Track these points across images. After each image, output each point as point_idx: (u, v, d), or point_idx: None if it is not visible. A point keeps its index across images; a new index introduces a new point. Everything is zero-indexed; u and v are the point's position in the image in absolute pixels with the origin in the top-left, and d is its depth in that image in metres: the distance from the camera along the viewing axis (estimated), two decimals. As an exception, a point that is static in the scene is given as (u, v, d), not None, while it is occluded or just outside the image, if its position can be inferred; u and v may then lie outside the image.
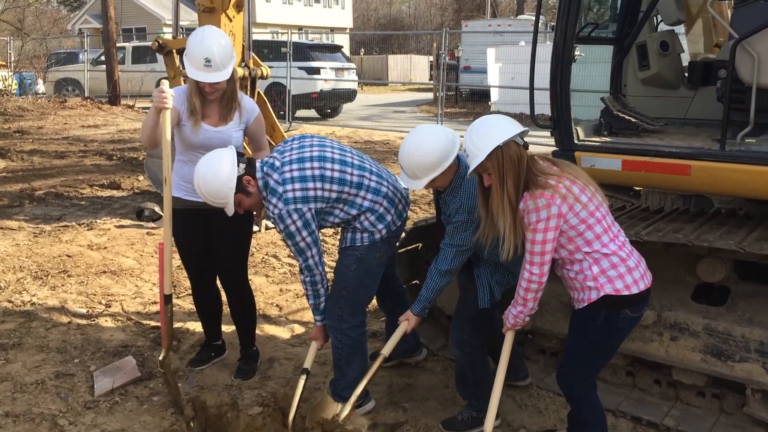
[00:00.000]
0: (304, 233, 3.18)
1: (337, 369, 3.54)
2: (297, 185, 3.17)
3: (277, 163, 3.23)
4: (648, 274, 2.84)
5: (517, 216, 2.72)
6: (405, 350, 4.01)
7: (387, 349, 3.37)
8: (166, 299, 3.48)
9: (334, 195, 3.23)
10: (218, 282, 3.98)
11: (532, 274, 2.78)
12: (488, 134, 2.70)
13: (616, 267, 2.74)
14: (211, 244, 3.78)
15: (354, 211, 3.30)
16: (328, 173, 3.22)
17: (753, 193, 3.60)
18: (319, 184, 3.20)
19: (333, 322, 3.46)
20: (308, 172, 3.20)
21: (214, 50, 3.40)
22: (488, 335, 3.45)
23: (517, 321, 2.96)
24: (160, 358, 3.47)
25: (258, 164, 3.25)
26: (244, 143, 3.90)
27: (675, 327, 3.54)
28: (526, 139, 2.78)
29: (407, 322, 3.34)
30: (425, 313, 3.34)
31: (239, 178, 3.16)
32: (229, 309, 4.05)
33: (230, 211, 3.20)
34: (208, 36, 3.46)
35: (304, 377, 3.47)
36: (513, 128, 2.72)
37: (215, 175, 3.14)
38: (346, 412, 3.27)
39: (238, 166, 3.19)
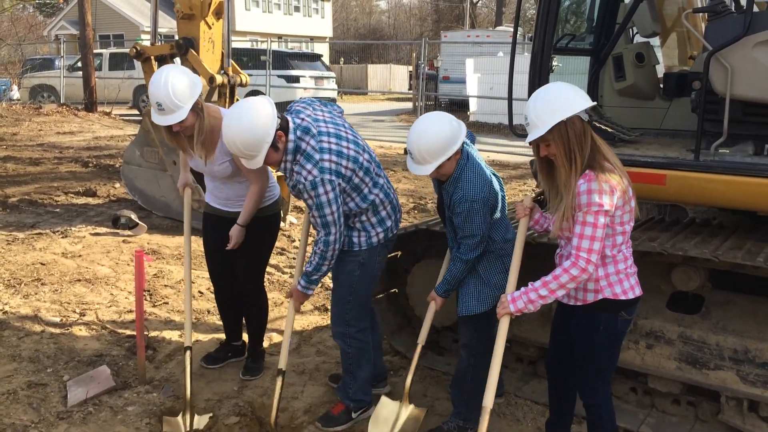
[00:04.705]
0: (334, 207, 3.16)
1: (347, 374, 3.56)
2: (334, 157, 3.16)
3: (313, 130, 3.19)
4: (638, 284, 2.87)
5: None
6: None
7: (422, 337, 3.46)
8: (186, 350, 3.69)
9: (348, 173, 3.21)
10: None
11: (589, 262, 2.59)
12: (553, 107, 2.59)
13: (618, 273, 2.76)
14: (235, 251, 3.83)
15: (364, 205, 3.32)
16: (353, 154, 3.24)
17: (726, 202, 3.66)
18: (351, 165, 3.22)
19: (342, 328, 3.50)
20: (344, 151, 3.21)
21: (162, 94, 3.37)
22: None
23: (528, 308, 2.75)
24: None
25: (291, 124, 3.18)
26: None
27: (651, 335, 3.57)
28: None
29: (434, 302, 3.40)
30: (448, 295, 3.38)
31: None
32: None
33: (258, 164, 3.12)
34: (157, 80, 3.41)
35: (279, 379, 3.43)
36: (579, 103, 2.61)
37: (253, 126, 3.06)
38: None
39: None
